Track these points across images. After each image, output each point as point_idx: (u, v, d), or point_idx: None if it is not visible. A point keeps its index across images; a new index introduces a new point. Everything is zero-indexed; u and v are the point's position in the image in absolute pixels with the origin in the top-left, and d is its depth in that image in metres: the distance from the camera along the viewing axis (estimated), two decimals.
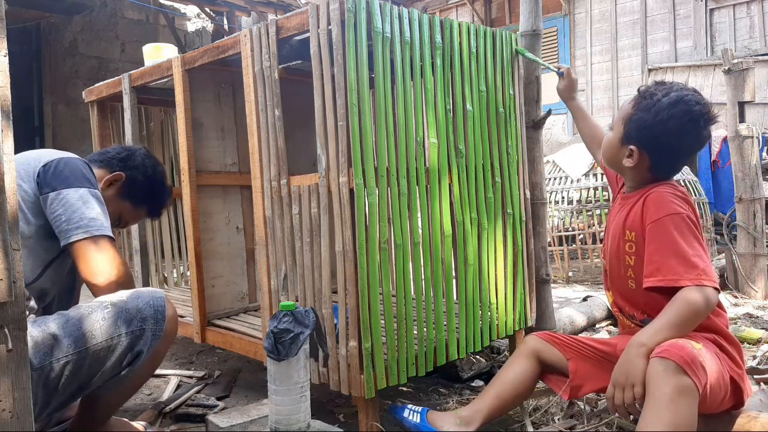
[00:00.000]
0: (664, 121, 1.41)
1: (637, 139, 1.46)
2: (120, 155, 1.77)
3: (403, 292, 1.71)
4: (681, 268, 1.33)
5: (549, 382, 1.67)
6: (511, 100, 2.11)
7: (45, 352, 1.28)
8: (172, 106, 2.61)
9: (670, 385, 1.18)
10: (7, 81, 0.87)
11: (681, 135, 1.42)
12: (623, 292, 1.56)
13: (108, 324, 1.37)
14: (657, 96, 1.44)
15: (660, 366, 1.20)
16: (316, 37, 1.66)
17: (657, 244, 1.38)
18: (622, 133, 1.49)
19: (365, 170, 1.60)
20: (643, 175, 1.51)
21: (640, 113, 1.45)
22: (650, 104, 1.43)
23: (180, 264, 3.20)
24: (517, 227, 2.11)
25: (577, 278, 4.33)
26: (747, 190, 3.49)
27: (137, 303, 1.41)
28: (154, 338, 1.43)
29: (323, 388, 1.79)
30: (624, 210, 1.53)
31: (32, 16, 6.41)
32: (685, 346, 1.22)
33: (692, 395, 1.19)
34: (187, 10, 8.06)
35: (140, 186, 1.77)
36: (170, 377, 2.28)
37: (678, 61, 7.02)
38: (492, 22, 8.72)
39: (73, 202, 1.46)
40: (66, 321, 1.34)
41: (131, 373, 1.43)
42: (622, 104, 1.55)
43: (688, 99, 1.41)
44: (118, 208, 1.76)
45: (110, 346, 1.36)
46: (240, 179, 2.42)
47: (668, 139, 1.42)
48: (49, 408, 1.34)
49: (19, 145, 0.97)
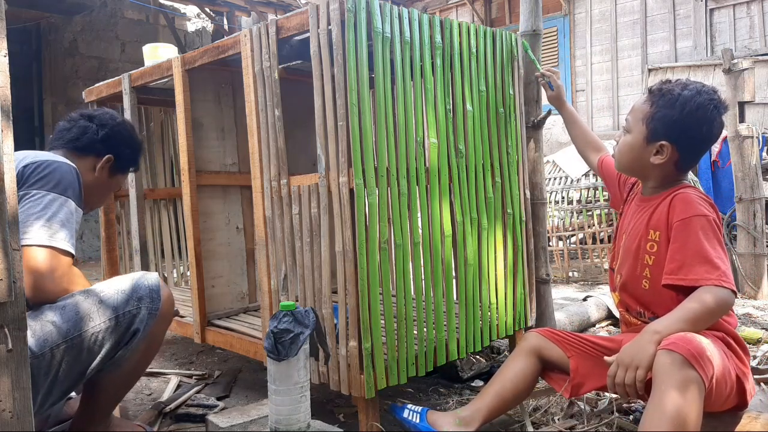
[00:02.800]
0: (692, 111, 1.43)
1: (666, 134, 1.46)
2: (98, 136, 1.66)
3: (403, 292, 1.71)
4: (702, 269, 1.34)
5: (550, 380, 1.66)
6: (511, 100, 2.11)
7: (44, 338, 1.29)
8: (172, 106, 2.61)
9: (676, 377, 1.19)
10: (7, 81, 0.87)
11: (710, 123, 1.45)
12: (634, 291, 1.56)
13: (105, 306, 1.38)
14: (676, 90, 1.46)
15: (667, 358, 1.21)
16: (316, 37, 1.66)
17: (681, 242, 1.40)
18: (645, 133, 1.49)
19: (365, 170, 1.60)
20: (668, 171, 1.51)
21: (664, 110, 1.46)
22: (672, 99, 1.45)
23: (180, 264, 3.20)
24: (517, 227, 2.11)
25: (577, 278, 4.33)
26: (747, 190, 3.49)
27: (133, 283, 1.44)
28: (150, 317, 1.44)
29: (323, 388, 1.79)
30: (646, 211, 1.53)
31: (32, 16, 6.42)
32: (693, 339, 1.23)
33: (698, 388, 1.20)
34: (187, 10, 8.05)
35: (126, 158, 1.73)
36: (170, 377, 2.28)
37: (678, 61, 7.01)
38: (492, 22, 8.71)
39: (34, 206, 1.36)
40: (63, 307, 1.34)
41: (128, 354, 1.44)
42: (634, 106, 1.55)
43: (707, 89, 1.46)
44: (111, 183, 1.73)
45: (108, 327, 1.38)
46: (240, 179, 2.42)
47: (698, 129, 1.45)
48: (51, 396, 1.35)
49: (19, 145, 0.97)
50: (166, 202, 3.07)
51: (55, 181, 1.40)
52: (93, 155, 1.66)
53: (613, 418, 1.69)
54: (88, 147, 1.65)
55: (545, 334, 1.66)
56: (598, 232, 4.26)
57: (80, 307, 1.36)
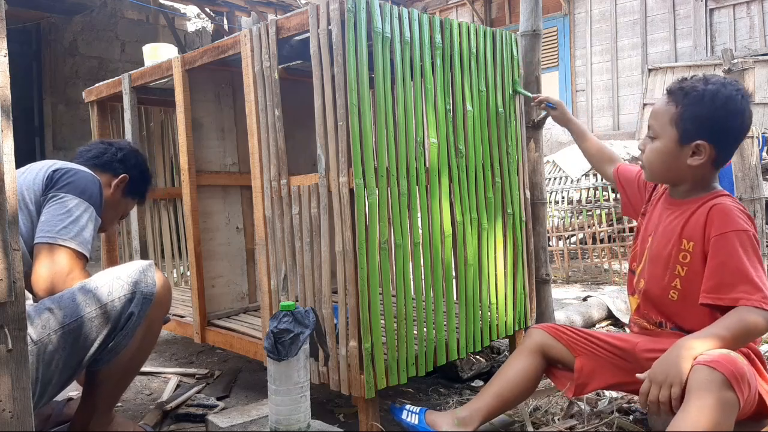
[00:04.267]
0: (723, 105, 1.37)
1: (700, 133, 1.39)
2: (117, 156, 1.81)
3: (403, 292, 1.71)
4: (742, 288, 1.30)
5: (554, 378, 1.65)
6: (511, 100, 2.11)
7: (42, 325, 1.33)
8: (172, 106, 2.61)
9: (714, 397, 1.15)
10: (7, 81, 0.87)
11: (742, 114, 1.39)
12: (659, 300, 1.50)
13: (100, 292, 1.41)
14: (699, 87, 1.39)
15: (708, 376, 1.17)
16: (316, 37, 1.66)
17: (720, 259, 1.34)
18: (677, 135, 1.41)
19: (365, 170, 1.60)
20: (706, 170, 1.44)
21: (692, 107, 1.39)
22: (698, 96, 1.38)
23: (180, 264, 3.20)
24: (517, 227, 2.11)
25: (577, 278, 4.33)
26: (747, 190, 3.49)
27: (128, 269, 1.48)
28: (146, 301, 1.47)
29: (323, 388, 1.79)
30: (679, 217, 1.46)
31: (32, 16, 6.42)
32: (736, 360, 1.20)
33: (734, 410, 1.16)
34: (187, 10, 8.05)
35: (139, 182, 1.87)
36: (170, 377, 2.28)
37: (678, 61, 7.02)
38: (492, 22, 8.72)
39: (59, 207, 1.49)
40: (60, 296, 1.39)
41: (125, 341, 1.46)
42: (656, 111, 1.46)
43: (729, 81, 1.40)
44: (123, 205, 1.86)
45: (104, 312, 1.41)
46: (240, 179, 2.42)
47: (733, 121, 1.39)
48: (50, 386, 1.36)
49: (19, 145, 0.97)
50: (166, 202, 3.07)
51: (81, 188, 1.54)
52: (110, 173, 1.79)
53: (613, 418, 1.69)
54: (106, 164, 1.79)
55: (550, 331, 1.62)
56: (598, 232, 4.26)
57: (76, 294, 1.39)
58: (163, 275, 1.55)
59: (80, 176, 1.57)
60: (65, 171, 1.55)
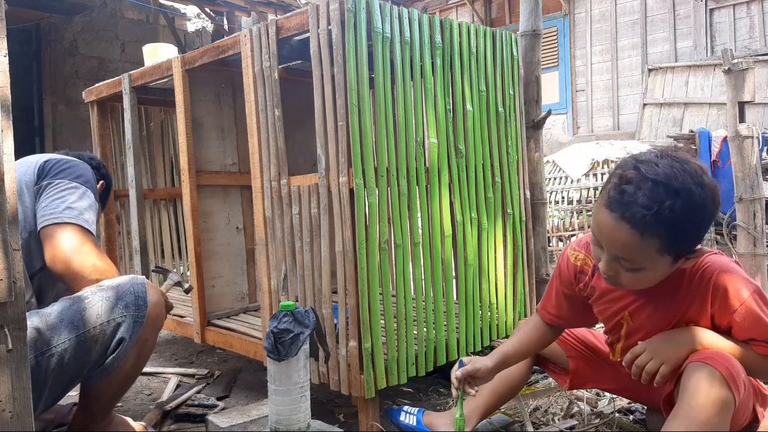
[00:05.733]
0: (702, 211, 1.18)
1: (691, 246, 1.24)
2: (93, 164, 1.78)
3: (403, 292, 1.71)
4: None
5: (551, 372, 1.65)
6: (511, 100, 2.11)
7: (30, 346, 1.26)
8: (172, 106, 2.61)
9: (712, 394, 1.15)
10: (7, 81, 0.87)
11: (713, 198, 1.20)
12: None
13: (89, 314, 1.36)
14: (666, 202, 1.14)
15: (705, 373, 1.16)
16: (316, 37, 1.66)
17: (752, 331, 1.26)
18: (669, 259, 1.22)
19: (365, 170, 1.60)
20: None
21: (674, 229, 1.16)
22: (674, 215, 1.14)
23: (180, 264, 3.20)
24: (516, 227, 2.11)
25: None
26: (747, 190, 3.48)
27: (117, 291, 1.40)
28: (136, 324, 1.40)
29: (323, 388, 1.79)
30: (661, 305, 1.33)
31: (32, 16, 6.42)
32: (731, 359, 1.20)
33: (729, 409, 1.16)
34: (187, 10, 8.05)
35: (108, 190, 1.88)
36: (170, 377, 2.28)
37: (678, 61, 7.02)
38: (492, 22, 8.71)
39: (59, 192, 1.49)
40: (48, 314, 1.34)
41: (117, 362, 1.41)
42: (627, 246, 1.19)
43: (685, 178, 1.16)
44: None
45: (93, 335, 1.36)
46: (240, 179, 2.42)
47: (712, 217, 1.22)
48: (41, 402, 1.34)
49: (19, 145, 0.97)
50: (166, 202, 3.07)
51: (77, 174, 1.54)
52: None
53: (613, 418, 1.69)
54: None
55: None
56: None
57: (65, 316, 1.34)
58: (157, 290, 1.49)
59: (74, 164, 1.57)
60: (57, 160, 1.56)
